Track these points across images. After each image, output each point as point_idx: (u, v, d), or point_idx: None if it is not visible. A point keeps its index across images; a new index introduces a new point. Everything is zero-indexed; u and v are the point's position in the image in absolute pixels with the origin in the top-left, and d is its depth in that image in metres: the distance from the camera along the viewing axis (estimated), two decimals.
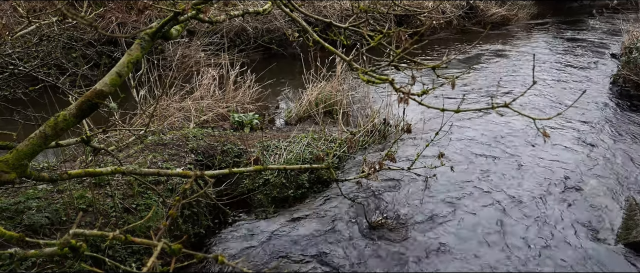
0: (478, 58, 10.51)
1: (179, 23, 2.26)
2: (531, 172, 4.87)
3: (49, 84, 4.47)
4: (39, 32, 4.43)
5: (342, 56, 2.91)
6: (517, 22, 15.28)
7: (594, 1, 19.50)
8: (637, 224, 3.77)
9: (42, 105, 4.74)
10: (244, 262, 3.57)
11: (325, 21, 3.07)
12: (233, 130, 5.79)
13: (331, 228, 3.96)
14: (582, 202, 4.27)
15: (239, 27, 10.26)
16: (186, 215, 3.84)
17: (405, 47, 2.41)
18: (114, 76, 2.07)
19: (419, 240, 3.77)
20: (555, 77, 8.55)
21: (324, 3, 11.36)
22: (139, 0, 2.17)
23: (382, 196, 4.45)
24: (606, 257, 3.53)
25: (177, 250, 1.27)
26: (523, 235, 3.80)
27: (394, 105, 6.20)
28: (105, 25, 8.59)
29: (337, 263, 3.54)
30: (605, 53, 10.45)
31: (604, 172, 4.85)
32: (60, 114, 2.02)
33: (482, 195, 4.42)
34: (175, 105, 6.05)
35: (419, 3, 12.68)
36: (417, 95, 2.31)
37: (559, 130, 5.95)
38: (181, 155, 4.43)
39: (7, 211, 3.15)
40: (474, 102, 7.21)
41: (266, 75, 7.45)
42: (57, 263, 2.85)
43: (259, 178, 4.46)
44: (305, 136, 5.16)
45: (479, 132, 6.01)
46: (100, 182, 3.64)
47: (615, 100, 7.22)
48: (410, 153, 5.34)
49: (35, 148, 1.99)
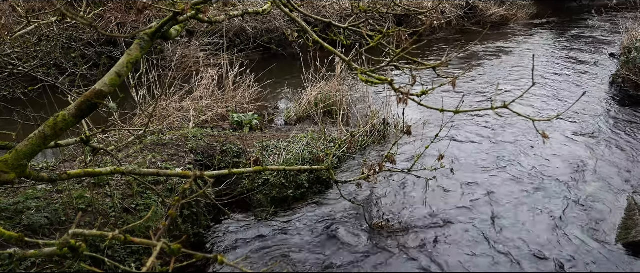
0: (478, 58, 10.52)
1: (178, 23, 2.26)
2: (530, 172, 4.88)
3: (48, 84, 4.47)
4: (38, 32, 4.43)
5: (341, 56, 2.91)
6: (517, 22, 15.29)
7: (593, 1, 19.53)
8: (636, 224, 3.77)
9: (41, 105, 4.73)
10: (243, 262, 3.57)
11: (324, 21, 3.07)
12: (232, 130, 5.78)
13: (331, 229, 3.96)
14: (582, 202, 4.28)
15: (239, 27, 10.26)
16: (186, 215, 3.84)
17: (405, 47, 2.41)
18: (114, 76, 2.07)
19: (419, 243, 3.77)
20: (554, 78, 8.56)
21: (324, 3, 11.36)
22: (139, 0, 2.17)
23: (382, 197, 4.45)
24: (605, 257, 3.54)
25: (176, 250, 1.27)
26: (522, 236, 3.81)
27: (393, 106, 6.20)
28: (105, 25, 8.59)
29: (337, 265, 3.54)
30: (605, 53, 10.46)
31: (603, 171, 4.86)
32: (59, 114, 2.02)
33: (482, 195, 4.43)
34: (175, 105, 6.05)
35: (418, 3, 12.70)
36: (416, 96, 2.31)
37: (558, 131, 5.96)
38: (180, 155, 4.43)
39: (6, 211, 3.15)
40: (474, 102, 7.21)
41: (266, 75, 7.44)
42: (56, 263, 2.84)
43: (259, 178, 4.46)
44: (305, 136, 5.16)
45: (478, 132, 6.02)
46: (100, 182, 3.64)
47: (615, 100, 7.23)
48: (410, 155, 5.34)
49: (34, 149, 1.99)
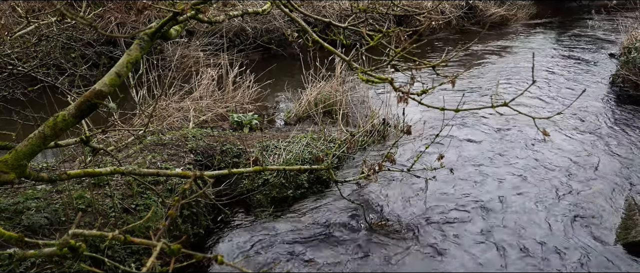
0: (477, 58, 10.52)
1: (178, 23, 2.26)
2: (529, 172, 4.88)
3: (48, 84, 4.46)
4: (37, 32, 4.43)
5: (341, 56, 2.91)
6: (516, 22, 15.30)
7: (593, 1, 19.54)
8: (636, 224, 3.77)
9: (41, 105, 4.73)
10: (243, 262, 3.57)
11: (324, 21, 3.07)
12: (232, 130, 5.78)
13: (330, 229, 3.96)
14: (581, 202, 4.28)
15: (238, 27, 10.26)
16: (185, 215, 3.84)
17: (405, 46, 2.41)
18: (113, 76, 2.07)
19: (418, 243, 3.77)
20: (554, 77, 8.56)
21: (323, 3, 11.36)
22: (138, 0, 2.17)
23: (382, 197, 4.45)
24: (605, 257, 3.54)
25: (176, 250, 1.27)
26: (521, 235, 3.81)
27: (393, 106, 6.20)
28: (105, 26, 8.59)
29: (336, 265, 3.54)
30: (604, 53, 10.47)
31: (602, 171, 4.86)
32: (59, 114, 2.02)
33: (480, 195, 4.43)
34: (175, 106, 6.05)
35: (418, 3, 12.70)
36: (416, 95, 2.31)
37: (558, 130, 5.96)
38: (180, 156, 4.43)
39: (6, 211, 3.14)
40: (474, 101, 7.21)
41: (265, 75, 7.44)
42: (56, 263, 2.84)
43: (258, 178, 4.46)
44: (305, 136, 5.16)
45: (478, 132, 6.02)
46: (100, 182, 3.64)
47: (614, 100, 7.23)
48: (410, 154, 5.34)
49: (34, 149, 1.99)
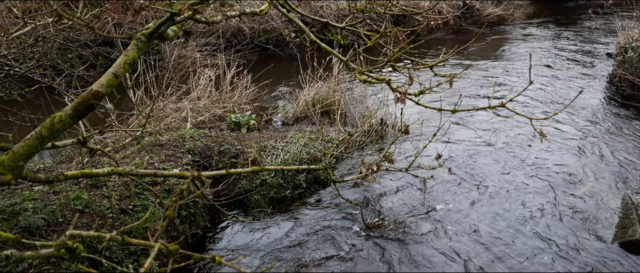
0: (475, 58, 10.54)
1: (175, 24, 2.26)
2: (527, 171, 4.89)
3: (44, 85, 4.45)
4: (34, 33, 4.42)
5: (339, 56, 2.91)
6: (513, 22, 15.34)
7: (589, 1, 19.62)
8: (632, 223, 3.78)
9: (38, 106, 4.72)
10: (241, 262, 3.57)
11: (322, 21, 3.07)
12: (230, 131, 5.78)
13: (328, 228, 3.96)
14: (578, 201, 4.29)
15: (236, 28, 10.25)
16: (183, 215, 3.83)
17: (402, 46, 2.41)
18: (110, 77, 2.06)
19: (415, 242, 3.78)
20: (551, 77, 8.58)
21: (321, 3, 11.37)
22: (135, 0, 2.17)
23: (379, 197, 4.45)
24: (602, 256, 3.55)
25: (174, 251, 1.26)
26: (519, 235, 3.81)
27: (391, 106, 6.21)
28: (102, 26, 8.57)
29: (333, 264, 3.54)
30: (601, 52, 10.50)
31: (599, 170, 4.88)
32: (56, 115, 2.01)
33: (479, 194, 4.43)
34: (172, 106, 6.04)
35: (415, 3, 12.72)
36: (414, 95, 2.32)
37: (555, 130, 5.98)
38: (178, 156, 4.42)
39: (3, 213, 3.13)
40: (471, 101, 7.22)
41: (263, 75, 7.44)
42: (53, 264, 2.83)
43: (256, 178, 4.46)
44: (303, 136, 5.16)
45: (476, 131, 6.03)
46: (97, 183, 3.63)
47: (611, 99, 7.26)
48: (408, 153, 5.35)
49: (31, 150, 1.98)
